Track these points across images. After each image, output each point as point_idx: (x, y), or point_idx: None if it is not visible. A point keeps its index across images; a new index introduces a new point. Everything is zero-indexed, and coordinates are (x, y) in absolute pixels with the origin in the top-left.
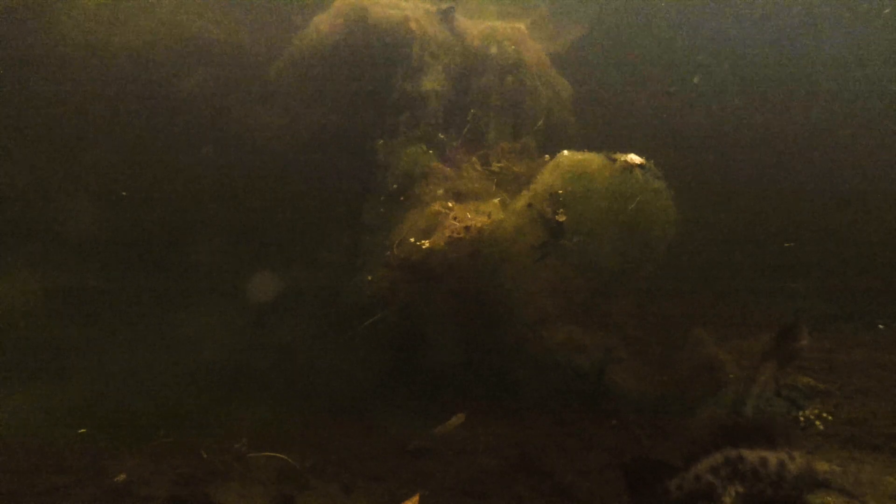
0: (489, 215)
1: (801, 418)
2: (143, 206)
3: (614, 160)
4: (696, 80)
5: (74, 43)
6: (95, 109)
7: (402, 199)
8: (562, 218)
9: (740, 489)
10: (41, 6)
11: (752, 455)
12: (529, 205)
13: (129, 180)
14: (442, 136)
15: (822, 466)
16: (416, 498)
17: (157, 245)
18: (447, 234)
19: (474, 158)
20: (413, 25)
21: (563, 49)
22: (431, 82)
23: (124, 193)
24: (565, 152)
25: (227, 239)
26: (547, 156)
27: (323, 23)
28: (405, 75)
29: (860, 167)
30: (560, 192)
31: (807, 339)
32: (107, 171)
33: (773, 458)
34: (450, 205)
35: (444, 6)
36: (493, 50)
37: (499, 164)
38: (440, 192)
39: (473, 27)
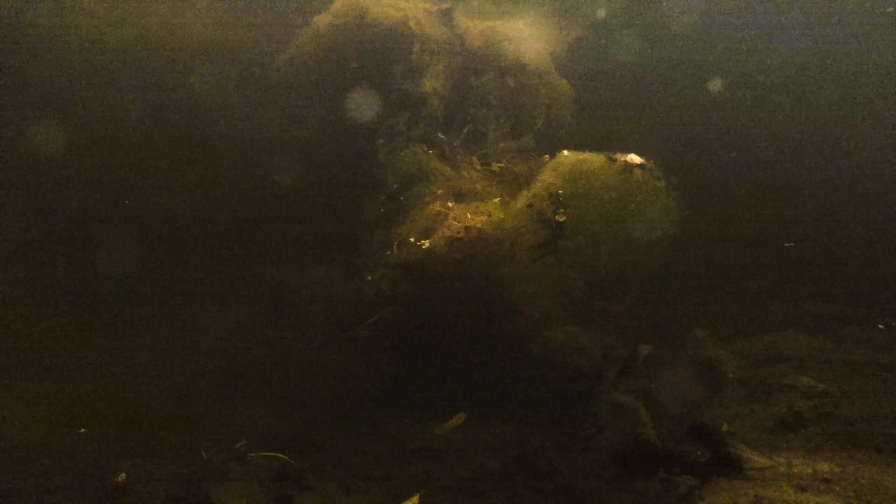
0: (489, 215)
1: None
2: (143, 205)
3: (614, 160)
4: (714, 85)
5: (74, 42)
6: (94, 109)
7: (402, 199)
8: (562, 218)
9: None
10: (41, 6)
11: None
12: (529, 205)
13: (130, 181)
14: (442, 136)
15: (822, 467)
16: (416, 498)
17: (157, 245)
18: (447, 234)
19: (474, 158)
20: (413, 25)
21: (563, 49)
22: (431, 82)
23: (127, 202)
24: (565, 152)
25: (228, 239)
26: (547, 156)
27: (323, 23)
28: (405, 75)
29: (861, 167)
30: (560, 192)
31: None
32: (107, 170)
33: None
34: (450, 205)
35: (444, 6)
36: (494, 50)
37: (499, 164)
38: (440, 192)
39: (473, 27)
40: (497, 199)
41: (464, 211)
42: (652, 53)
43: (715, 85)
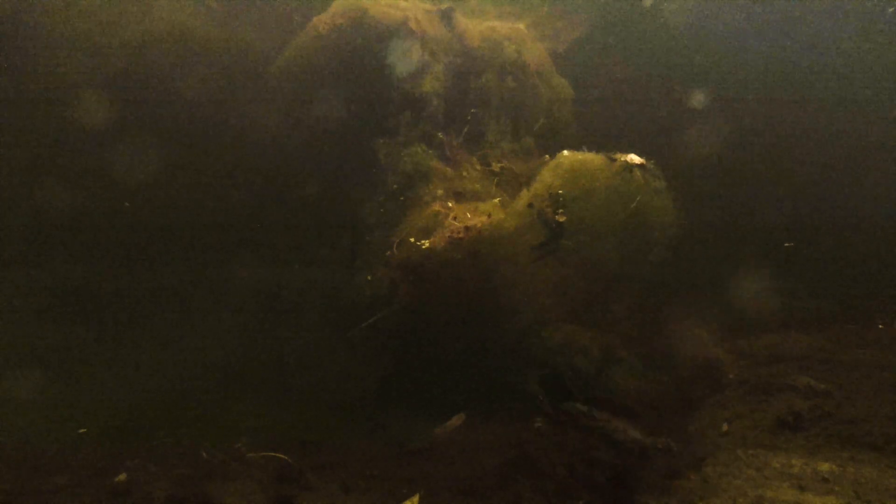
0: (489, 215)
1: None
2: (142, 206)
3: (614, 160)
4: (701, 98)
5: (73, 42)
6: (93, 109)
7: (402, 199)
8: (562, 218)
9: None
10: (39, 5)
11: None
12: (529, 205)
13: (129, 182)
14: (442, 136)
15: (822, 467)
16: (415, 498)
17: (158, 245)
18: (447, 234)
19: (474, 158)
20: (413, 25)
21: (563, 49)
22: (431, 82)
23: (127, 204)
24: (565, 152)
25: (228, 239)
26: (547, 156)
27: (323, 22)
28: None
29: (861, 167)
30: (560, 192)
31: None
32: (106, 171)
33: None
34: (450, 205)
35: (444, 6)
36: (494, 50)
37: (499, 164)
38: (440, 192)
39: (473, 27)
40: (497, 199)
41: (464, 211)
42: (653, 52)
43: (713, 85)
